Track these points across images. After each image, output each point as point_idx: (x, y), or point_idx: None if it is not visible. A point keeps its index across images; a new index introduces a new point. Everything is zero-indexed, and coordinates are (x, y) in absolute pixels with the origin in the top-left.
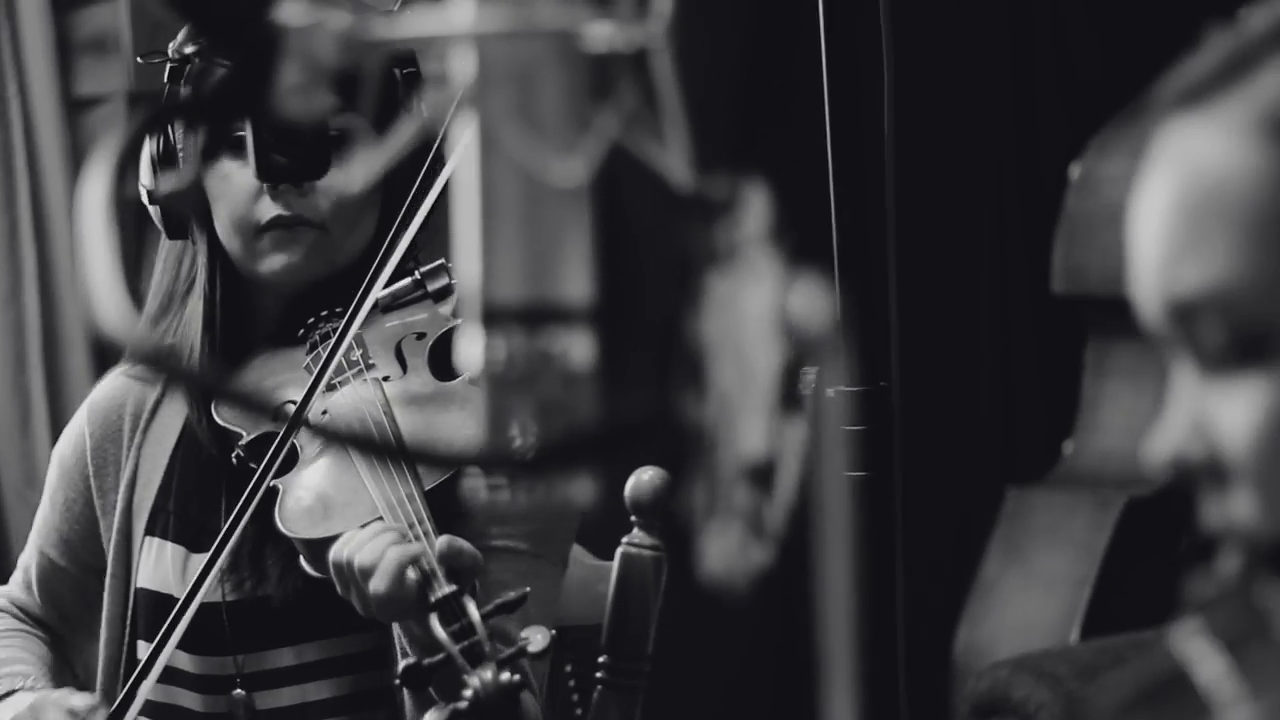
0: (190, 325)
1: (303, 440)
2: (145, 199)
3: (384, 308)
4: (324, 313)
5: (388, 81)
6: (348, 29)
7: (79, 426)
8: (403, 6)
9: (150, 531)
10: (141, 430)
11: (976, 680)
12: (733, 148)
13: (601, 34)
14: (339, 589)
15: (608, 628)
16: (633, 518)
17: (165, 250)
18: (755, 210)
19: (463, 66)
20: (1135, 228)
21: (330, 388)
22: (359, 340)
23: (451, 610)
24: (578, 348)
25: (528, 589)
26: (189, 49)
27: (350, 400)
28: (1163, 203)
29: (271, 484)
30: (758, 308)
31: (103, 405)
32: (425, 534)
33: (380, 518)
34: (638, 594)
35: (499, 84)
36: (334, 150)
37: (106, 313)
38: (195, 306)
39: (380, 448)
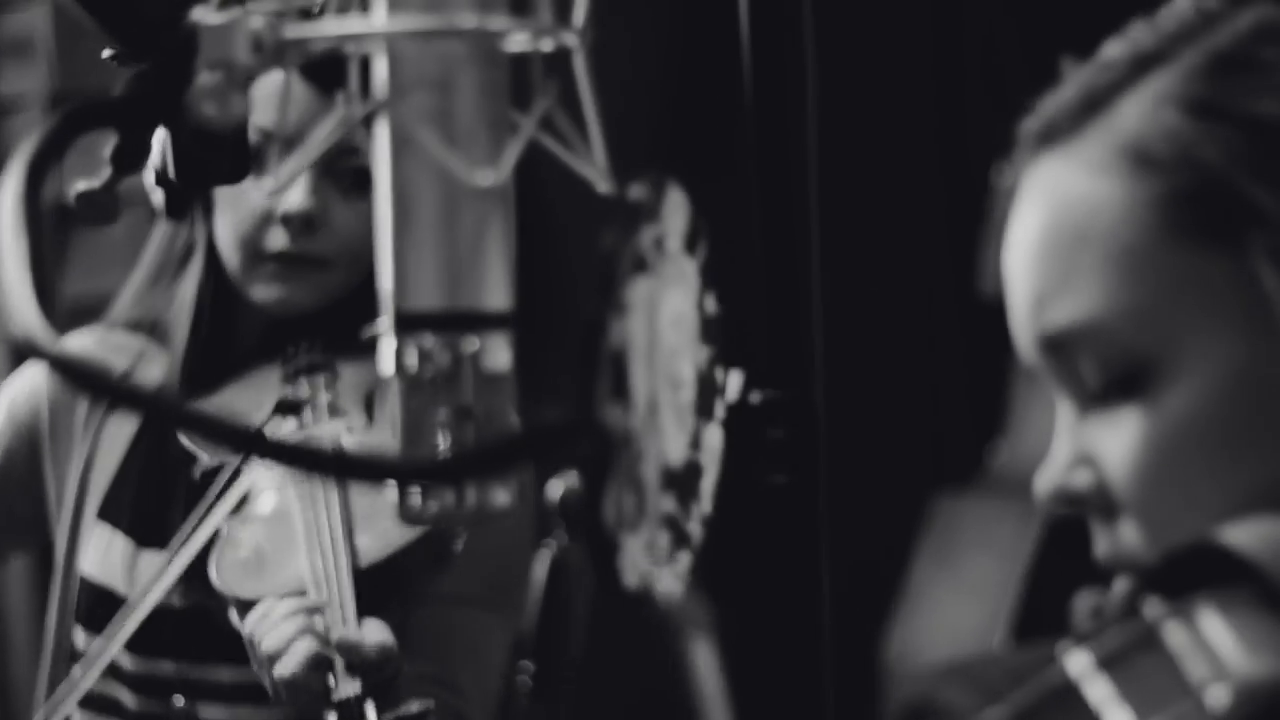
0: (177, 318)
1: (259, 484)
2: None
3: (368, 351)
4: (307, 344)
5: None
6: (264, 31)
7: (36, 381)
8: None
9: (103, 517)
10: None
11: (904, 686)
12: (653, 151)
13: (520, 36)
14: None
15: (532, 633)
16: (554, 523)
17: (161, 228)
18: (676, 214)
19: (380, 69)
20: (1008, 264)
21: (296, 423)
22: (330, 382)
23: (350, 714)
24: (496, 352)
25: (431, 704)
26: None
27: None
28: (1032, 239)
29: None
30: (678, 312)
31: None
32: (346, 617)
33: (304, 592)
34: (560, 599)
35: (416, 87)
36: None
37: (20, 319)
38: (184, 296)
39: (297, 456)
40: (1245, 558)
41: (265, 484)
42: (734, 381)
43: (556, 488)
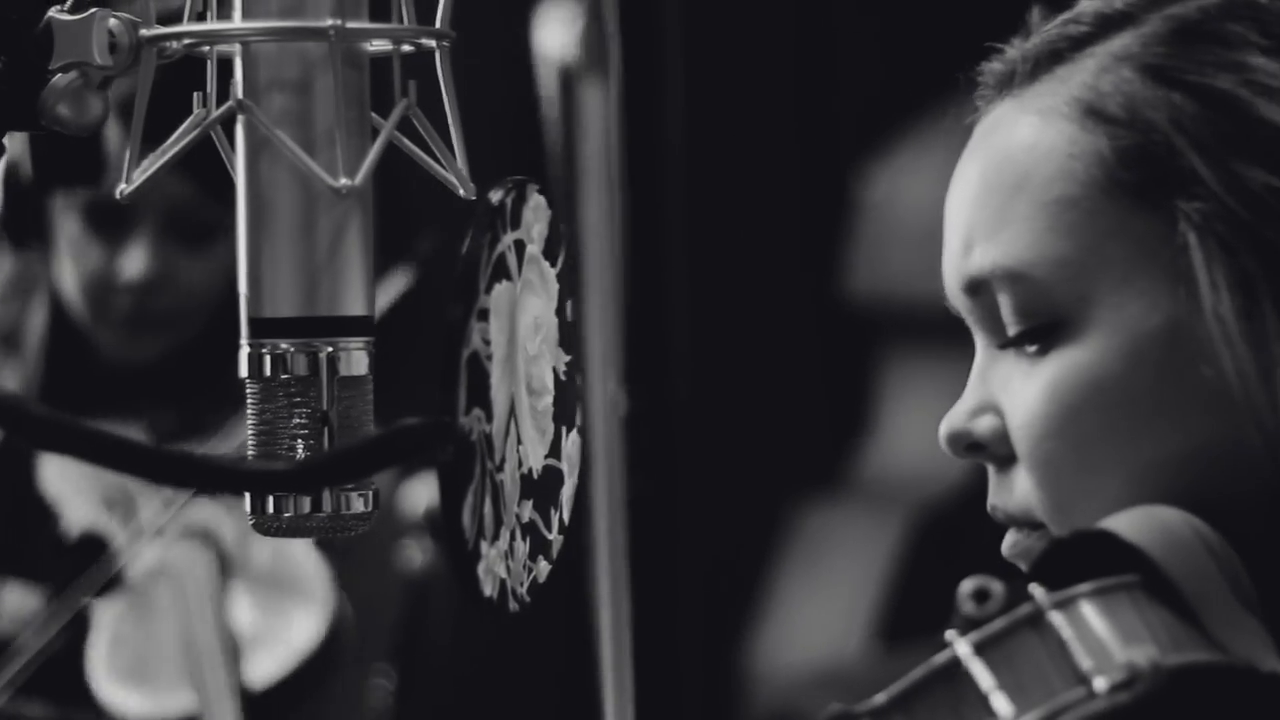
0: (28, 342)
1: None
2: None
3: None
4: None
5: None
6: (121, 30)
7: None
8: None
9: None
10: None
11: (768, 692)
12: (515, 155)
13: (381, 38)
14: None
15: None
16: (414, 527)
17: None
18: (537, 219)
19: (238, 70)
20: (948, 203)
21: None
22: None
23: None
24: (355, 358)
25: None
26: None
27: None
28: (973, 179)
29: (85, 600)
30: (539, 318)
31: None
32: None
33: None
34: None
35: (274, 88)
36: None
37: None
38: (33, 325)
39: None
40: (1131, 545)
41: (144, 566)
42: (597, 388)
43: (414, 494)
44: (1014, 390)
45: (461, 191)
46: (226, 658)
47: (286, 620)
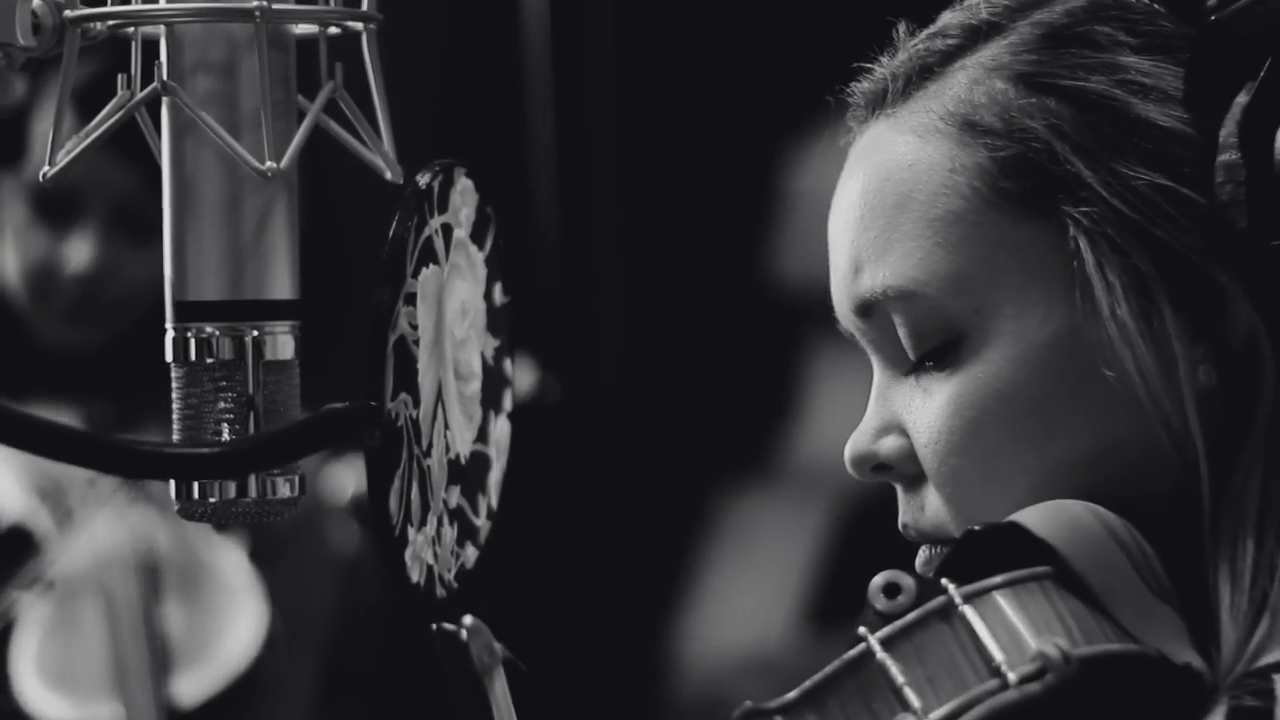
0: None
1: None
2: None
3: None
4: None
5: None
6: (45, 11)
7: None
8: None
9: None
10: None
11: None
12: (443, 138)
13: (308, 20)
14: None
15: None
16: (343, 514)
17: None
18: (464, 203)
19: (162, 51)
20: (831, 228)
21: None
22: None
23: None
24: (281, 342)
25: None
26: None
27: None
28: (855, 202)
29: (13, 596)
30: (466, 302)
31: None
32: None
33: None
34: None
35: (200, 70)
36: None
37: None
38: None
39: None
40: (1041, 539)
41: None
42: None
43: (341, 480)
44: (916, 409)
45: (388, 175)
46: (154, 671)
47: (217, 634)
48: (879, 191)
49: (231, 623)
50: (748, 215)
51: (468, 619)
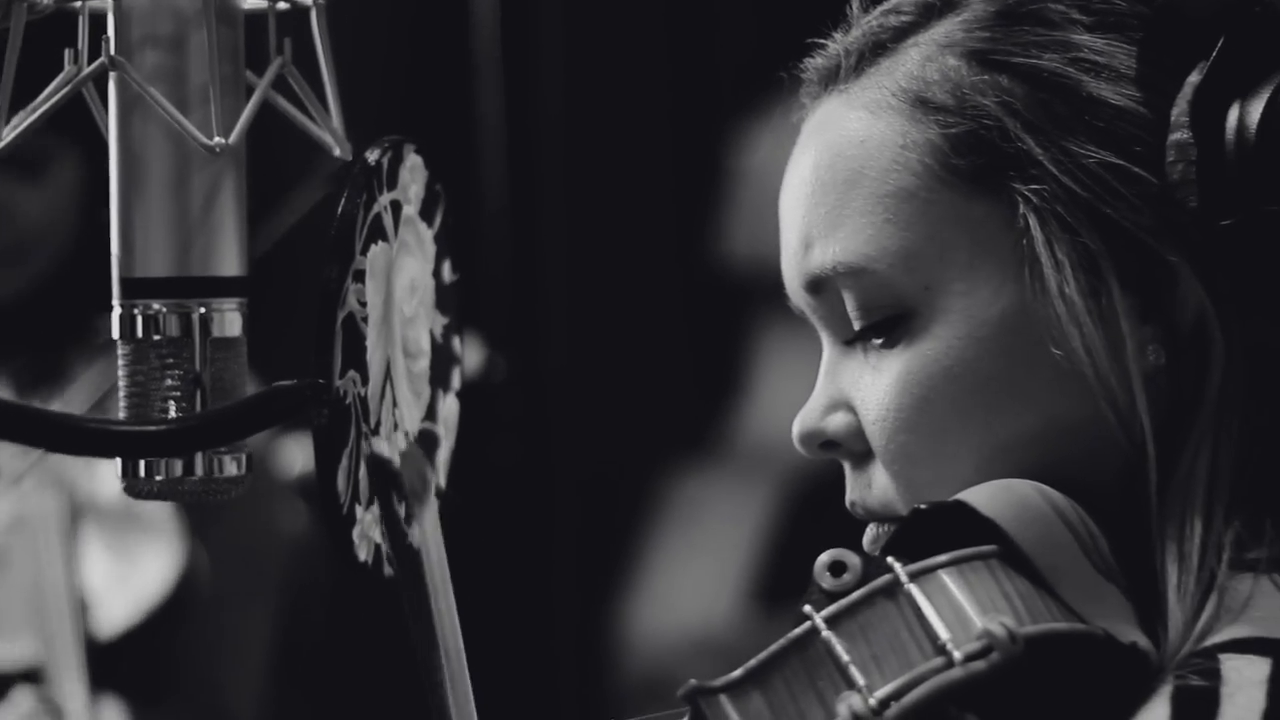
0: None
1: None
2: None
3: None
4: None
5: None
6: None
7: None
8: None
9: None
10: None
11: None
12: (391, 115)
13: None
14: None
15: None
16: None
17: None
18: (413, 179)
19: (110, 25)
20: (783, 204)
21: None
22: None
23: None
24: (229, 319)
25: None
26: None
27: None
28: (806, 178)
29: None
30: (415, 279)
31: None
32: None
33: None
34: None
35: (148, 45)
36: None
37: None
38: None
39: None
40: (987, 518)
41: None
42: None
43: (289, 458)
44: (865, 385)
45: (336, 151)
46: (73, 607)
47: (137, 567)
48: (830, 167)
49: (152, 556)
50: (696, 194)
51: (402, 444)
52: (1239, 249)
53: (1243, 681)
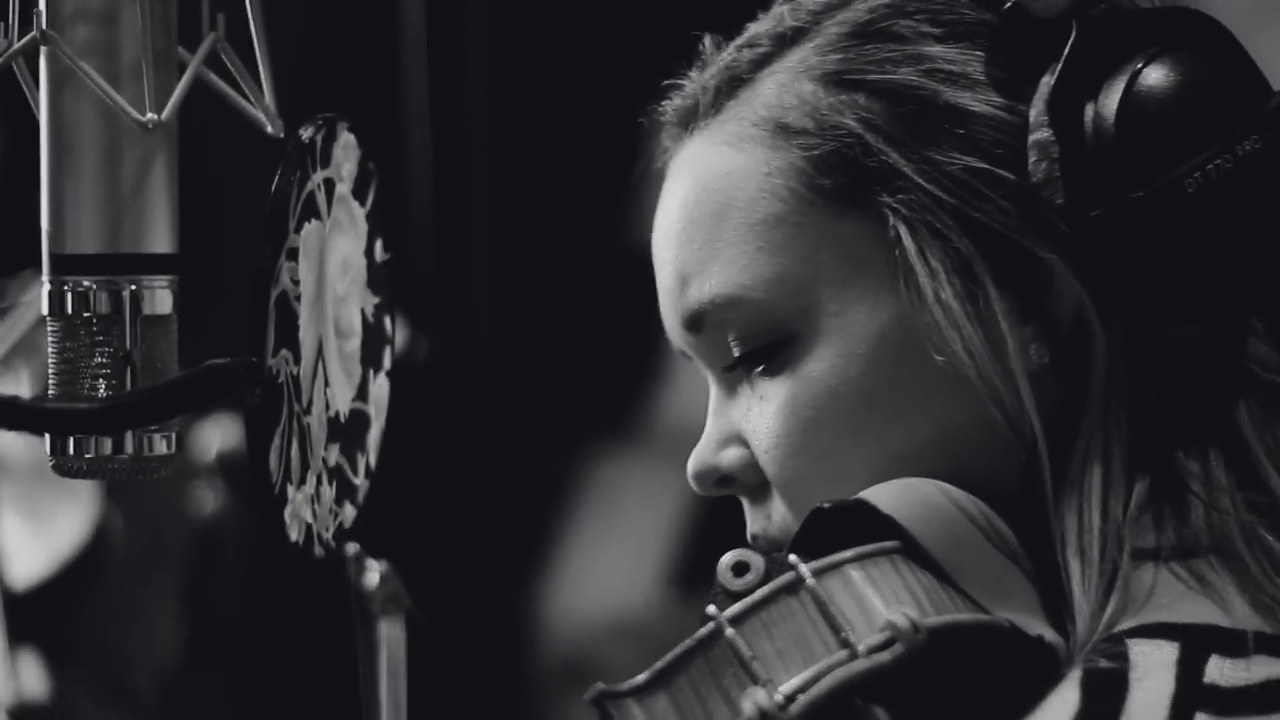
0: None
1: None
2: None
3: None
4: None
5: None
6: None
7: None
8: None
9: None
10: None
11: (564, 642)
12: (309, 94)
13: None
14: None
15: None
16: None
17: None
18: (346, 158)
19: (41, 0)
20: (655, 246)
21: None
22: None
23: None
24: (159, 297)
25: None
26: None
27: None
28: (676, 218)
29: None
30: (347, 258)
31: None
32: None
33: None
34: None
35: (80, 19)
36: None
37: None
38: None
39: None
40: (887, 515)
41: None
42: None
43: (216, 438)
44: (754, 416)
45: (269, 129)
46: None
47: (51, 524)
48: (698, 203)
49: (66, 515)
50: (617, 179)
51: (382, 564)
52: (1110, 240)
53: (1151, 665)
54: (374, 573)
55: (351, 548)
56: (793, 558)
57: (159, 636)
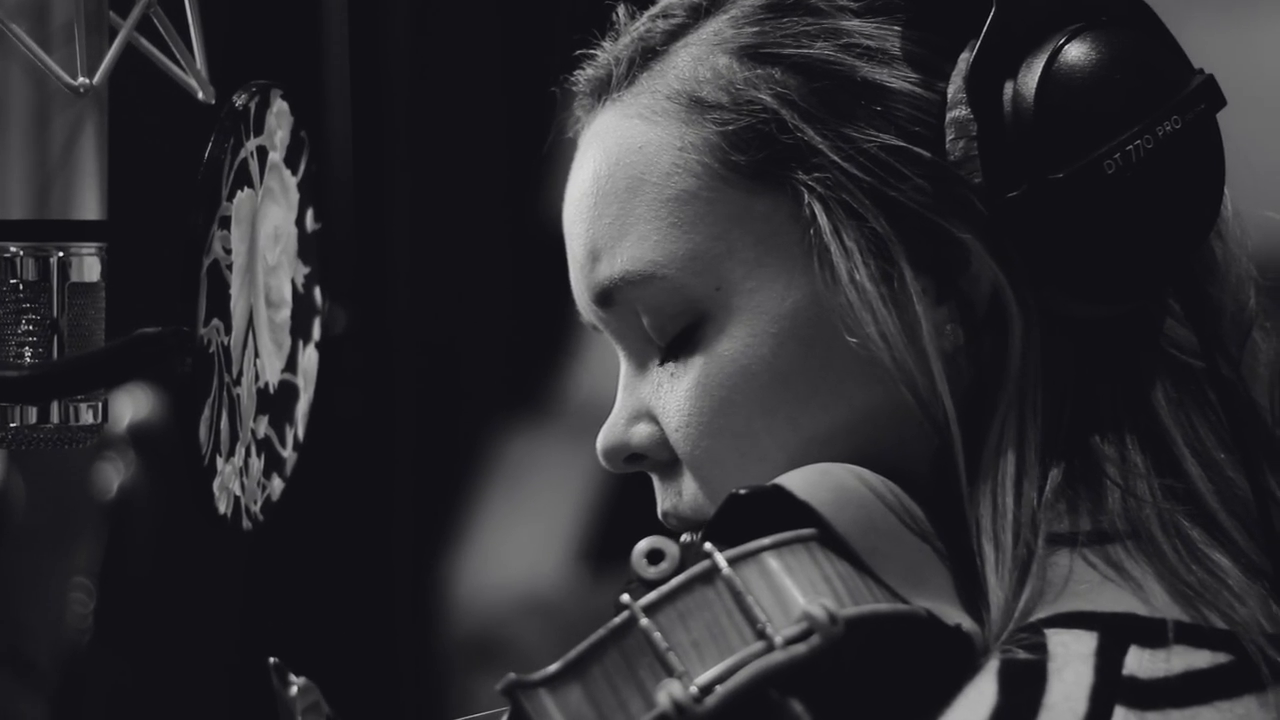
0: None
1: None
2: None
3: None
4: None
5: None
6: None
7: None
8: None
9: None
10: None
11: (475, 618)
12: (261, 60)
13: None
14: None
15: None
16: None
17: None
18: (279, 126)
19: None
20: (565, 219)
21: None
22: None
23: None
24: (87, 264)
25: None
26: None
27: None
28: (587, 191)
29: None
30: (279, 227)
31: None
32: None
33: None
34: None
35: None
36: None
37: None
38: None
39: None
40: (803, 502)
41: None
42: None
43: (134, 411)
44: (664, 394)
45: (200, 95)
46: None
47: None
48: (610, 177)
49: None
50: (535, 155)
51: (301, 679)
52: (1027, 220)
53: (1070, 656)
54: (294, 686)
55: (272, 661)
56: (708, 546)
57: (65, 610)
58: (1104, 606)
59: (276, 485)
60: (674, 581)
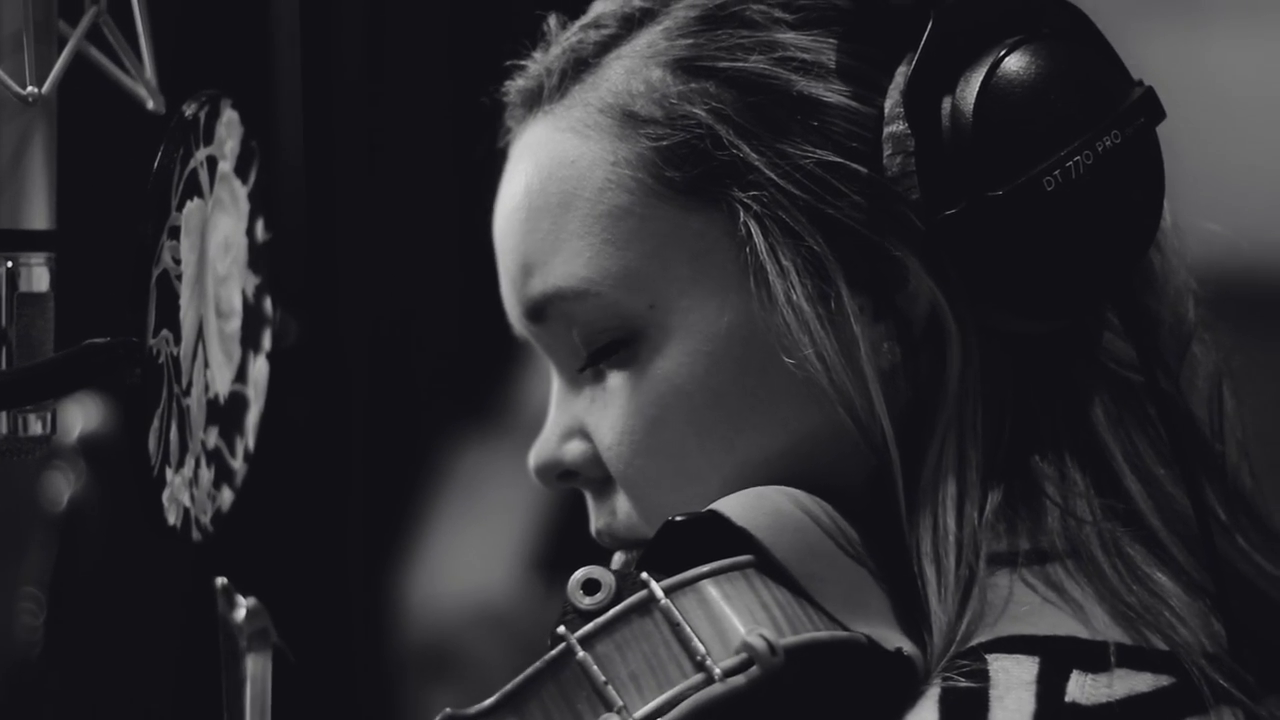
0: None
1: None
2: None
3: None
4: None
5: None
6: None
7: None
8: None
9: None
10: None
11: (426, 628)
12: (210, 69)
13: None
14: None
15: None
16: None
17: None
18: (229, 135)
19: None
20: (496, 232)
21: None
22: None
23: None
24: (36, 274)
25: None
26: None
27: None
28: (518, 205)
29: None
30: (229, 237)
31: None
32: None
33: None
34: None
35: None
36: None
37: None
38: None
39: None
40: (740, 528)
41: None
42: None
43: (76, 421)
44: (597, 411)
45: (150, 104)
46: None
47: None
48: (542, 191)
49: None
50: (491, 164)
51: (250, 600)
52: (965, 238)
53: (1012, 682)
54: (242, 608)
55: (220, 581)
56: (644, 575)
57: (14, 621)
58: (1045, 630)
59: (226, 496)
60: (611, 612)
